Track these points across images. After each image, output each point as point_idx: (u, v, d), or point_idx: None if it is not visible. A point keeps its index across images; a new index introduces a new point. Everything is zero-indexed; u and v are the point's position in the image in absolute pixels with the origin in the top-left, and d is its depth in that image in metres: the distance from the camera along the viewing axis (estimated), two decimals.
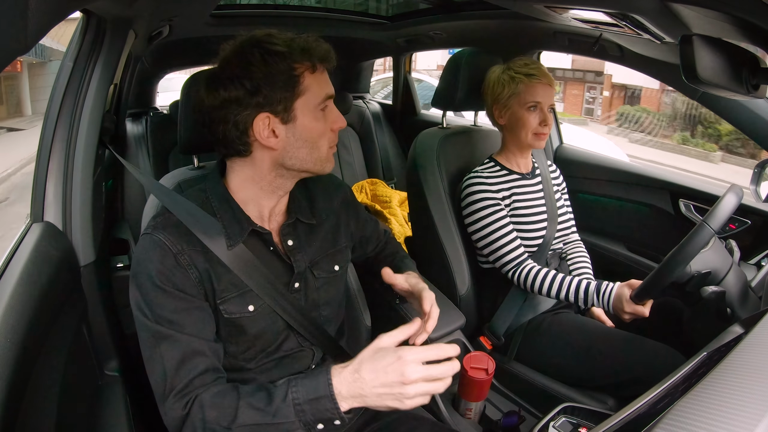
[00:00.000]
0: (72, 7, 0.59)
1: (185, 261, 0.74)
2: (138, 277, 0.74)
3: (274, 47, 0.72)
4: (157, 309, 0.72)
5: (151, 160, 2.10)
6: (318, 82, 0.76)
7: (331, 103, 0.80)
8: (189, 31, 1.70)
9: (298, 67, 0.73)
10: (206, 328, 0.76)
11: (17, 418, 0.62)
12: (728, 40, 0.72)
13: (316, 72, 0.75)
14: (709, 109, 1.31)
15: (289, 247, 0.83)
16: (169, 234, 0.74)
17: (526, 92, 1.21)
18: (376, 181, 2.39)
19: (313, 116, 0.76)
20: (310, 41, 0.74)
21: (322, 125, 0.78)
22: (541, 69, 1.22)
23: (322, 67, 0.77)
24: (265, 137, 0.74)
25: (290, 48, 0.72)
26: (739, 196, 1.00)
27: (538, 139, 1.24)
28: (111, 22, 1.00)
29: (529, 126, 1.23)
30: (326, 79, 0.78)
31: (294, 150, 0.77)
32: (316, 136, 0.77)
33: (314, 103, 0.76)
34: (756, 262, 1.22)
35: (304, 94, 0.74)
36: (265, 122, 0.74)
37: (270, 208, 0.83)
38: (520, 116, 1.23)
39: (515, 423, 1.09)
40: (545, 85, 1.21)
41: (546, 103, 1.22)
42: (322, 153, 0.79)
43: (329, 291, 0.90)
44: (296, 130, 0.76)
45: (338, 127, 0.81)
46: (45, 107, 1.02)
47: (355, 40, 2.30)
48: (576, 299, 1.13)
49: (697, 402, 0.43)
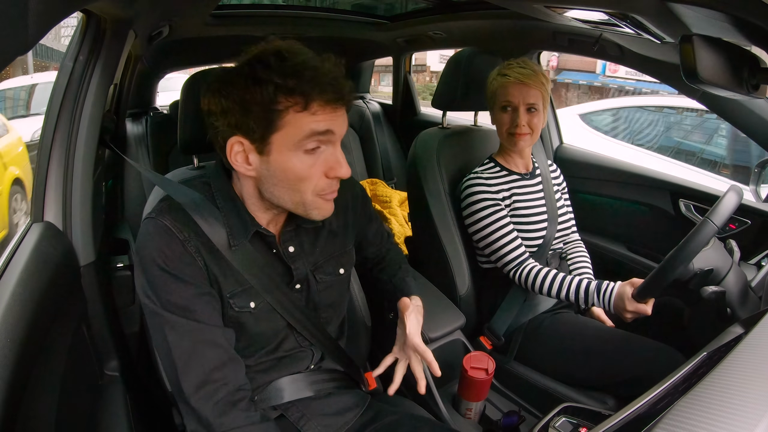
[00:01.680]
0: (72, 7, 0.59)
1: (192, 249, 0.72)
2: (143, 262, 0.71)
3: (261, 74, 0.63)
4: (164, 295, 0.70)
5: (151, 160, 2.10)
6: (307, 120, 0.65)
7: (333, 146, 0.70)
8: (189, 31, 1.70)
9: (283, 102, 0.64)
10: (217, 315, 0.74)
11: (17, 418, 0.61)
12: (728, 40, 0.72)
13: (309, 110, 0.65)
14: (709, 108, 1.31)
15: (290, 254, 0.82)
16: (174, 220, 0.72)
17: (499, 92, 1.22)
18: (376, 181, 2.40)
19: (293, 156, 0.67)
20: (324, 77, 0.64)
21: (306, 169, 0.68)
22: (515, 69, 1.19)
23: (328, 106, 0.66)
24: (239, 162, 0.69)
25: (283, 77, 0.63)
26: (740, 194, 1.00)
27: (513, 139, 1.22)
28: (111, 22, 1.00)
29: (502, 125, 1.24)
30: (328, 118, 0.67)
31: (270, 185, 0.71)
32: (294, 179, 0.69)
33: (293, 141, 0.66)
34: (756, 262, 1.22)
35: (282, 128, 0.65)
36: (239, 146, 0.68)
37: (267, 220, 0.79)
38: (495, 116, 1.26)
39: (515, 423, 1.09)
40: (519, 85, 1.18)
41: (521, 103, 1.19)
42: (305, 198, 0.71)
43: (331, 294, 0.89)
44: (270, 165, 0.68)
45: (335, 175, 0.71)
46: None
47: (355, 40, 2.31)
48: (577, 298, 1.13)
49: (697, 402, 0.43)
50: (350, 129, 2.59)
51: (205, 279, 0.74)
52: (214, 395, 0.71)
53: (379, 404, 0.94)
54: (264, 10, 1.93)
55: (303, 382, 0.88)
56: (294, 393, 0.86)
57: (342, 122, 0.70)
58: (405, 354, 0.92)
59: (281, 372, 0.86)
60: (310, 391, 0.88)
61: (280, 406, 0.86)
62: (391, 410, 0.92)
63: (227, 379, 0.73)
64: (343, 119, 0.70)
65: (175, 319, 0.71)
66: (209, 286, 0.75)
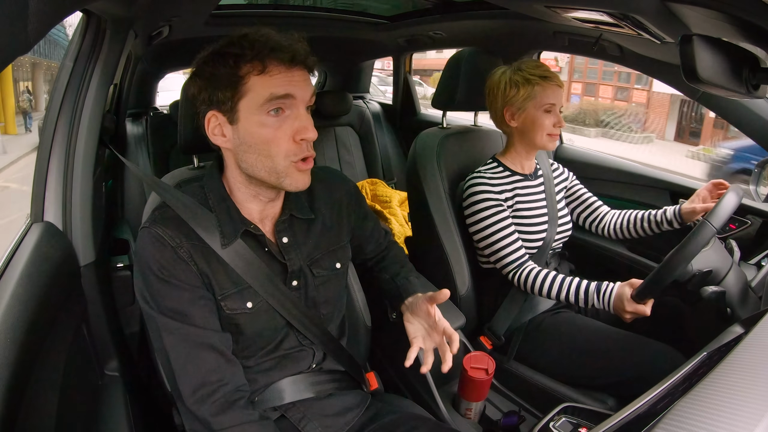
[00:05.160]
0: (72, 7, 0.59)
1: (185, 254, 0.74)
2: (140, 269, 0.75)
3: (226, 48, 0.71)
4: (161, 300, 0.73)
5: (151, 160, 2.10)
6: (266, 83, 0.70)
7: (298, 110, 0.73)
8: (189, 31, 1.70)
9: (244, 68, 0.70)
10: (213, 318, 0.76)
11: (17, 418, 0.61)
12: (728, 40, 0.72)
13: (267, 73, 0.70)
14: (710, 109, 1.31)
15: (284, 245, 0.83)
16: (166, 228, 0.75)
17: (543, 94, 1.21)
18: (376, 181, 2.40)
19: (258, 119, 0.71)
20: (280, 42, 0.70)
21: (272, 131, 0.72)
22: (552, 71, 1.23)
23: (283, 66, 0.71)
24: (216, 136, 0.75)
25: (243, 48, 0.69)
26: (740, 195, 1.00)
27: (552, 140, 1.25)
28: (111, 22, 1.00)
29: (544, 128, 1.23)
30: (286, 81, 0.71)
31: (243, 154, 0.75)
32: (262, 143, 0.72)
33: (257, 105, 0.71)
34: (756, 262, 1.22)
35: (246, 94, 0.71)
36: (215, 120, 0.74)
37: (259, 212, 0.82)
38: (536, 118, 1.22)
39: (515, 423, 1.09)
40: (558, 87, 1.22)
41: (558, 105, 1.23)
42: (277, 164, 0.74)
43: (329, 289, 0.89)
44: (240, 132, 0.73)
45: (301, 138, 0.73)
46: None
47: (355, 40, 2.30)
48: (576, 300, 1.12)
49: (697, 402, 0.43)
50: (350, 129, 2.59)
51: (199, 283, 0.75)
52: (211, 396, 0.72)
53: (380, 404, 0.94)
54: (264, 10, 1.93)
55: (304, 383, 0.88)
56: (295, 394, 0.86)
57: (303, 86, 0.73)
58: (431, 341, 0.88)
59: (282, 372, 0.86)
60: (311, 392, 0.88)
61: (281, 407, 0.86)
62: (391, 410, 0.92)
63: (225, 381, 0.73)
64: (304, 83, 0.73)
65: (172, 324, 0.73)
66: (205, 290, 0.76)
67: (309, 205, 0.88)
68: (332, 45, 2.34)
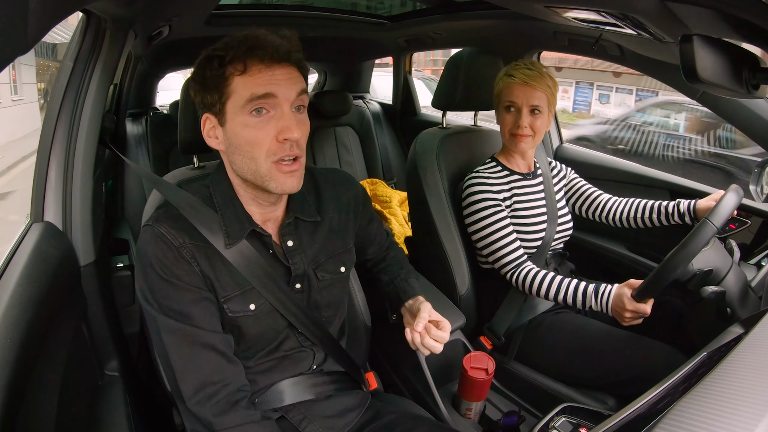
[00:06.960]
0: (72, 7, 0.59)
1: (188, 254, 0.74)
2: (142, 268, 0.74)
3: (213, 51, 0.71)
4: (162, 300, 0.72)
5: (151, 160, 2.10)
6: (248, 83, 0.69)
7: (282, 109, 0.71)
8: (189, 31, 1.70)
9: (228, 69, 0.69)
10: (215, 319, 0.75)
11: (17, 418, 0.61)
12: (728, 40, 0.72)
13: (248, 73, 0.69)
14: (709, 109, 1.31)
15: (288, 248, 0.82)
16: (170, 227, 0.74)
17: (504, 92, 1.22)
18: (376, 181, 2.39)
19: (242, 120, 0.70)
20: (259, 39, 0.69)
21: (255, 132, 0.70)
22: (522, 70, 1.19)
23: (263, 65, 0.69)
24: (211, 138, 0.76)
25: (226, 50, 0.69)
26: (740, 195, 1.00)
27: (515, 140, 1.22)
28: (111, 22, 1.00)
29: (505, 126, 1.24)
30: (267, 80, 0.69)
31: (232, 156, 0.75)
32: (246, 144, 0.71)
33: (240, 105, 0.70)
34: (756, 262, 1.22)
35: (231, 96, 0.70)
36: (209, 122, 0.75)
37: (260, 214, 0.81)
38: (499, 116, 1.26)
39: (515, 423, 1.09)
40: (523, 86, 1.19)
41: (525, 104, 1.19)
42: (260, 167, 0.72)
43: (332, 293, 0.89)
44: (228, 134, 0.73)
45: (284, 137, 0.71)
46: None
47: (355, 40, 2.30)
48: (573, 302, 1.12)
49: (697, 402, 0.43)
50: (350, 129, 2.59)
51: (202, 284, 0.75)
52: (212, 397, 0.72)
53: (379, 404, 0.94)
54: (264, 10, 1.93)
55: (304, 384, 0.88)
56: (295, 396, 0.86)
57: (286, 84, 0.71)
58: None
59: (282, 373, 0.86)
60: (311, 393, 0.88)
61: (281, 408, 0.85)
62: (390, 410, 0.92)
63: (226, 381, 0.73)
64: (287, 81, 0.71)
65: (173, 324, 0.72)
66: (207, 291, 0.75)
67: (316, 206, 0.86)
68: (332, 45, 2.34)
